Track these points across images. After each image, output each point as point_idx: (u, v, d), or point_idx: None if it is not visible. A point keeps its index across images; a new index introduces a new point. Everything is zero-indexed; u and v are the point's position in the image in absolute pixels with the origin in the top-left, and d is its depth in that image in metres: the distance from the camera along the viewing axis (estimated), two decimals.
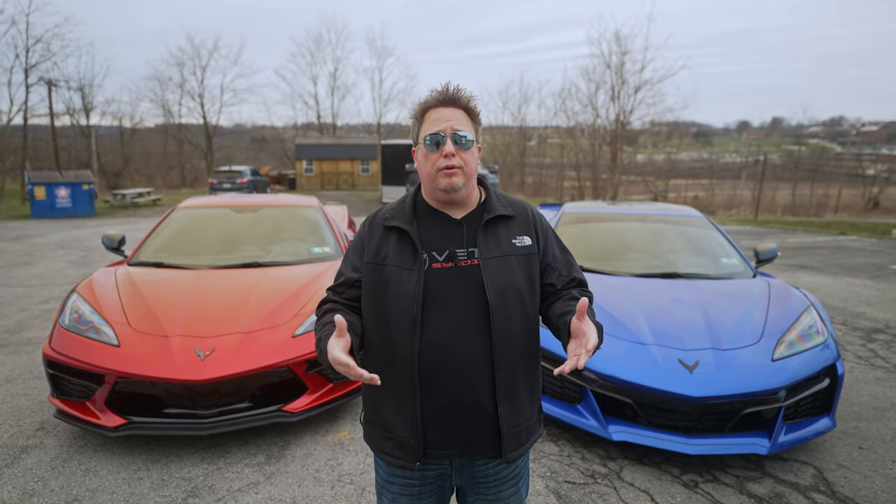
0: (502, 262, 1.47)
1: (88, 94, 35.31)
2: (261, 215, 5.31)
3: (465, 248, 1.47)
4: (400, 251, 1.47)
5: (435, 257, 1.45)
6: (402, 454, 1.48)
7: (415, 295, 1.41)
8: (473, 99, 1.50)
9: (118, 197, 21.92)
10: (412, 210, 1.52)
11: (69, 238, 12.59)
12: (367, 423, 1.59)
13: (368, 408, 1.58)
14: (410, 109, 1.55)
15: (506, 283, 1.45)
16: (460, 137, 1.44)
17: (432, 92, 1.49)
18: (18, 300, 6.74)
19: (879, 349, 5.15)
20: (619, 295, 3.86)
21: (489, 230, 1.49)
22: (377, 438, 1.54)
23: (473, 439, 1.48)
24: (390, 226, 1.50)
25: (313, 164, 38.49)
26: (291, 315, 3.58)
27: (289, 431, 3.48)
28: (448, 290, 1.43)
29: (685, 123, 50.16)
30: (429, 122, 1.46)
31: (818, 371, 3.22)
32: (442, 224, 1.50)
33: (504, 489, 1.56)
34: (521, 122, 47.76)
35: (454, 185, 1.44)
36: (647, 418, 3.13)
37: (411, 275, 1.43)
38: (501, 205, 1.55)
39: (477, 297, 1.43)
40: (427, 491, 1.54)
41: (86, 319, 3.49)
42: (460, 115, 1.46)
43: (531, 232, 1.55)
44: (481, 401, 1.44)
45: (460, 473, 1.54)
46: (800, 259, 10.46)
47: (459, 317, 1.43)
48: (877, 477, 3.02)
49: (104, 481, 2.93)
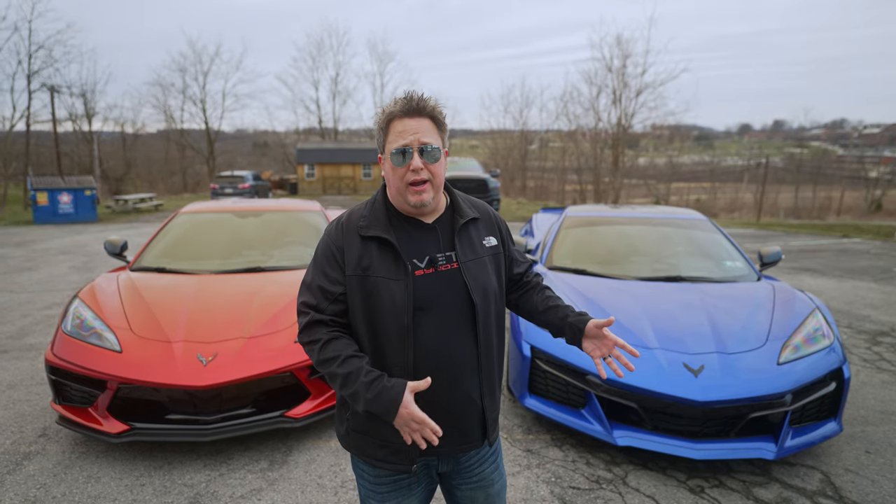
0: (478, 263, 1.53)
1: (90, 99, 35.56)
2: (263, 220, 5.31)
3: (442, 252, 1.50)
4: (383, 261, 1.45)
5: (416, 264, 1.46)
6: (398, 459, 1.50)
7: (405, 304, 1.42)
8: (438, 105, 1.48)
9: (120, 202, 21.97)
10: (386, 217, 1.50)
11: (71, 244, 12.61)
12: (355, 432, 1.54)
13: (358, 418, 1.52)
14: (375, 118, 1.53)
15: (485, 283, 1.52)
16: (428, 149, 1.43)
17: (396, 100, 1.46)
18: (21, 306, 6.74)
19: (885, 352, 5.12)
20: (623, 299, 3.84)
21: (463, 234, 1.54)
22: (368, 447, 1.53)
23: (464, 433, 1.53)
24: (369, 235, 1.47)
25: (315, 168, 38.54)
26: (294, 320, 3.57)
27: (291, 437, 3.46)
28: (434, 295, 1.46)
29: (686, 126, 50.26)
30: (394, 134, 1.44)
31: (824, 375, 3.20)
32: (416, 230, 1.51)
33: (486, 467, 1.64)
34: (522, 125, 47.90)
35: (424, 201, 1.46)
36: (653, 423, 3.10)
37: (398, 284, 1.43)
38: (469, 207, 1.59)
39: (461, 300, 1.48)
40: (416, 482, 1.59)
41: (88, 325, 3.48)
42: (426, 125, 1.44)
43: (495, 232, 1.64)
44: (471, 397, 1.51)
45: (446, 461, 1.59)
46: (803, 262, 10.42)
47: (447, 320, 1.47)
48: (885, 481, 2.99)
49: (106, 488, 2.92)
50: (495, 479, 1.67)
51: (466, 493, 1.64)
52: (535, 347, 3.46)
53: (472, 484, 1.63)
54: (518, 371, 3.61)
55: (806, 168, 46.84)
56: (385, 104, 1.51)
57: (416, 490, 1.59)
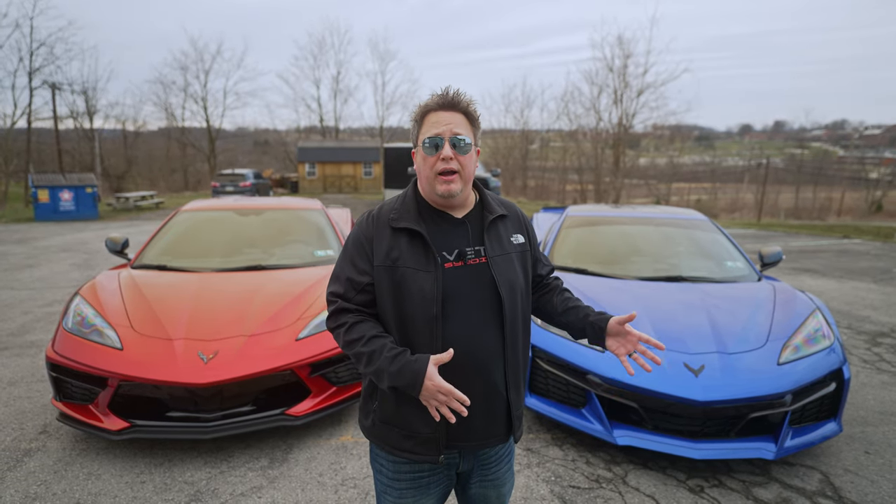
0: (506, 259, 1.55)
1: (92, 97, 35.43)
2: (264, 218, 5.31)
3: (472, 246, 1.52)
4: (413, 252, 1.48)
5: (446, 257, 1.49)
6: (425, 450, 1.50)
7: (434, 295, 1.44)
8: (473, 103, 1.52)
9: (121, 200, 21.97)
10: (416, 210, 1.54)
11: (72, 241, 12.62)
12: (382, 423, 1.56)
13: (385, 408, 1.54)
14: (412, 112, 1.58)
15: (512, 279, 1.53)
16: (459, 141, 1.47)
17: (433, 95, 1.52)
18: (22, 303, 6.75)
19: (885, 353, 5.12)
20: (623, 298, 3.84)
21: (492, 230, 1.56)
22: (394, 438, 1.54)
23: (490, 427, 1.54)
24: (399, 227, 1.50)
25: (316, 167, 38.56)
26: (295, 318, 3.57)
27: (292, 435, 3.47)
28: (462, 288, 1.48)
29: (687, 127, 50.21)
30: (428, 125, 1.49)
31: (824, 375, 3.20)
32: (446, 224, 1.54)
33: (502, 467, 1.66)
34: (523, 125, 47.89)
35: (452, 192, 1.48)
36: (653, 422, 3.11)
37: (427, 275, 1.45)
38: (497, 205, 1.62)
39: (489, 294, 1.49)
40: (435, 481, 1.59)
41: (89, 322, 3.48)
42: (459, 119, 1.49)
43: (523, 230, 1.66)
44: (498, 390, 1.52)
45: (468, 459, 1.59)
46: (803, 262, 10.42)
47: (475, 313, 1.48)
48: (884, 482, 3.00)
49: (107, 485, 2.92)
50: (507, 479, 1.69)
51: (480, 491, 1.66)
52: (536, 346, 3.46)
53: (487, 482, 1.64)
54: None
55: (806, 169, 46.79)
56: (420, 101, 1.57)
57: (433, 489, 1.59)
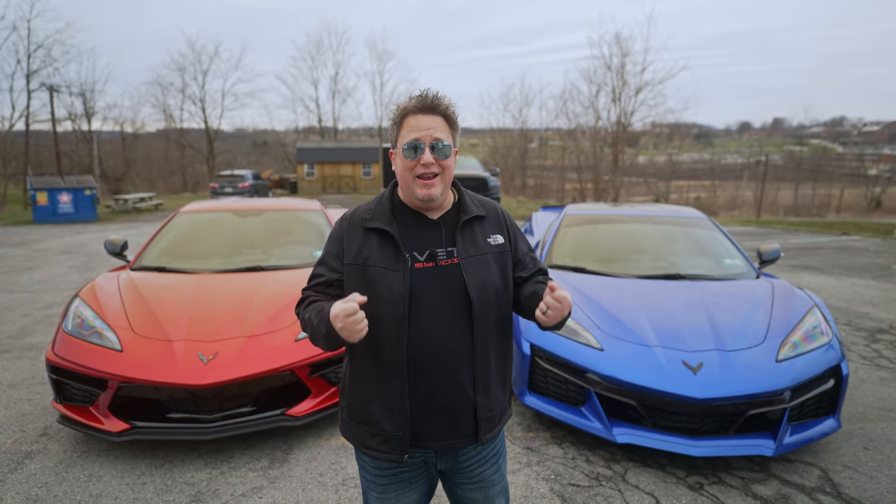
0: (480, 260, 1.54)
1: (90, 99, 35.49)
2: (263, 219, 5.32)
3: (444, 247, 1.52)
4: (382, 252, 1.50)
5: (416, 257, 1.50)
6: (390, 448, 1.52)
7: (401, 295, 1.45)
8: (452, 105, 1.53)
9: (120, 202, 21.96)
10: (391, 210, 1.55)
11: (71, 243, 12.62)
12: (350, 420, 1.60)
13: (353, 405, 1.58)
14: (391, 114, 1.57)
15: (485, 280, 1.52)
16: (439, 145, 1.47)
17: (411, 98, 1.51)
18: (21, 305, 6.75)
19: (884, 349, 5.13)
20: (622, 297, 3.85)
21: (466, 230, 1.56)
22: (362, 435, 1.57)
23: (456, 428, 1.54)
24: (371, 227, 1.52)
25: (315, 167, 38.53)
26: (294, 319, 3.58)
27: (292, 435, 3.47)
28: (431, 288, 1.49)
29: (686, 125, 50.24)
30: (407, 129, 1.49)
31: (823, 372, 3.21)
32: (420, 225, 1.55)
33: (486, 468, 1.65)
34: (522, 124, 47.86)
35: (432, 196, 1.50)
36: (652, 420, 3.11)
37: (396, 275, 1.47)
38: (475, 205, 1.61)
39: (459, 295, 1.49)
40: (416, 475, 1.61)
41: (89, 324, 3.49)
42: (439, 122, 1.49)
43: (503, 230, 1.64)
44: (464, 392, 1.52)
45: (444, 458, 1.60)
46: (802, 259, 10.43)
47: (443, 314, 1.49)
48: (883, 478, 3.01)
49: (108, 486, 2.93)
50: (496, 481, 1.68)
51: (465, 494, 1.67)
52: (535, 345, 3.47)
53: (471, 484, 1.64)
54: (518, 369, 3.62)
55: (805, 166, 46.82)
56: (399, 102, 1.55)
57: (416, 485, 1.61)
